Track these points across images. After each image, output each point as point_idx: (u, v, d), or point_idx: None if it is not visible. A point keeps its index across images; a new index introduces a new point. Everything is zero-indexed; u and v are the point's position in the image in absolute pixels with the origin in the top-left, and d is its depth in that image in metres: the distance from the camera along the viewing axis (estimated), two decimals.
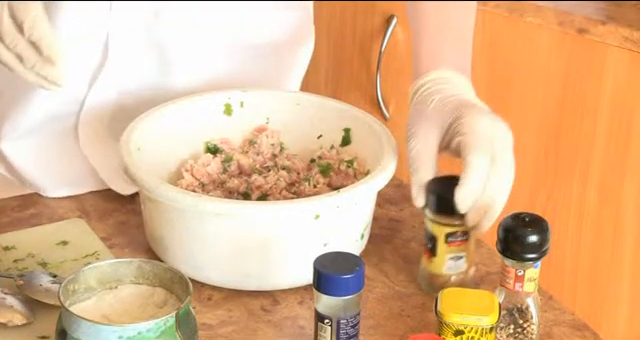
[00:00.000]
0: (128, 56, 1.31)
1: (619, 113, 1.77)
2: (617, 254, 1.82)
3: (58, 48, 1.09)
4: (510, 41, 1.83)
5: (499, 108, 1.87)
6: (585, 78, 1.78)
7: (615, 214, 1.81)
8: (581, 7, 1.79)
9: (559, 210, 1.86)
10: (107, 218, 1.28)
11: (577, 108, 1.81)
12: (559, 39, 1.78)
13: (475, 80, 1.87)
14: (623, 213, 1.81)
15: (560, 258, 1.86)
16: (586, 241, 1.85)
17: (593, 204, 1.83)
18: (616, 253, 1.82)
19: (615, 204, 1.81)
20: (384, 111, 1.98)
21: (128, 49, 1.30)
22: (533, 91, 1.84)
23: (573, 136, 1.82)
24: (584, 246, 1.85)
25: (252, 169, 1.28)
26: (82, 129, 1.33)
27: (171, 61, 1.33)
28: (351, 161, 1.27)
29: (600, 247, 1.84)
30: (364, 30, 1.99)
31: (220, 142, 1.31)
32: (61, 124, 1.32)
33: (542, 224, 1.04)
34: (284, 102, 1.34)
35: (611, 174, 1.80)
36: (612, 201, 1.81)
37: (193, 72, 1.35)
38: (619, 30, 1.72)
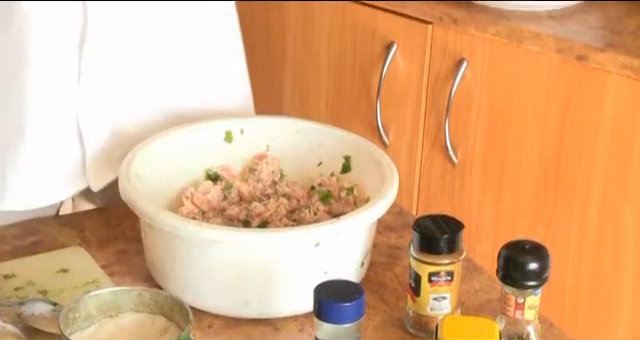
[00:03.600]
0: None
1: (619, 140, 1.77)
2: (617, 281, 1.82)
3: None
4: (510, 68, 1.84)
5: (500, 134, 1.88)
6: (585, 105, 1.79)
7: (615, 241, 1.81)
8: (580, 34, 1.79)
9: (559, 236, 1.86)
10: (107, 246, 1.28)
11: (577, 135, 1.81)
12: (558, 66, 1.79)
13: (476, 106, 1.88)
14: (623, 240, 1.80)
15: (560, 285, 1.85)
16: (586, 268, 1.85)
17: (593, 231, 1.83)
18: (616, 280, 1.82)
19: (615, 231, 1.81)
20: (384, 138, 1.99)
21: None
22: (533, 117, 1.84)
23: (573, 163, 1.83)
24: (584, 273, 1.85)
25: (252, 196, 1.28)
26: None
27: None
28: (351, 188, 1.27)
29: (600, 274, 1.84)
30: (364, 57, 1.99)
31: (220, 169, 1.31)
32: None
33: (542, 251, 1.04)
34: (284, 129, 1.34)
35: (611, 200, 1.80)
36: (612, 228, 1.81)
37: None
38: (618, 57, 1.72)
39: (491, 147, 1.90)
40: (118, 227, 1.31)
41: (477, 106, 1.90)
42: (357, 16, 1.97)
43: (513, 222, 1.92)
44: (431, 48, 1.91)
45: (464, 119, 1.91)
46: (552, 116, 1.82)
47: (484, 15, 1.84)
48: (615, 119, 1.77)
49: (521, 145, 1.87)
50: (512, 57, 1.83)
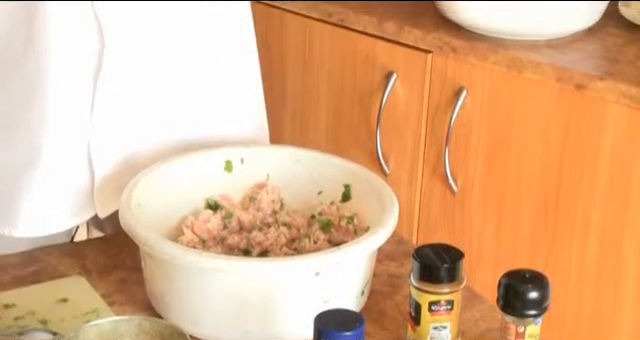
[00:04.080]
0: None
1: (618, 168, 1.77)
2: (618, 310, 1.82)
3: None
4: (509, 97, 1.84)
5: (499, 163, 1.88)
6: (584, 133, 1.79)
7: (616, 270, 1.81)
8: (579, 63, 1.80)
9: (559, 265, 1.86)
10: (107, 275, 1.28)
11: (576, 163, 1.81)
12: (558, 95, 1.79)
13: (476, 134, 1.88)
14: (624, 269, 1.80)
15: (561, 314, 1.85)
16: (587, 297, 1.85)
17: (594, 259, 1.83)
18: (617, 309, 1.82)
19: (616, 259, 1.81)
20: (384, 167, 1.99)
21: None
22: (533, 146, 1.84)
23: (573, 191, 1.83)
24: (585, 302, 1.85)
25: (252, 225, 1.28)
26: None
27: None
28: (351, 217, 1.27)
29: (601, 303, 1.83)
30: (364, 86, 2.00)
31: (220, 198, 1.32)
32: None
33: (542, 280, 1.04)
34: (284, 158, 1.34)
35: (611, 229, 1.80)
36: (613, 257, 1.81)
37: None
38: (617, 86, 1.73)
39: (491, 176, 1.90)
40: (118, 256, 1.31)
41: (477, 135, 1.90)
42: (357, 45, 1.98)
43: (513, 251, 1.92)
44: (431, 77, 1.91)
45: (464, 148, 1.91)
46: (552, 144, 1.82)
47: (483, 44, 1.84)
48: (614, 147, 1.77)
49: (521, 174, 1.87)
50: (512, 86, 1.84)
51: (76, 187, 1.34)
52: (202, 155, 1.33)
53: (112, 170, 1.34)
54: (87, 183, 1.34)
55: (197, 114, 1.39)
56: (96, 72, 1.29)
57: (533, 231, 1.88)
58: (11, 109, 1.30)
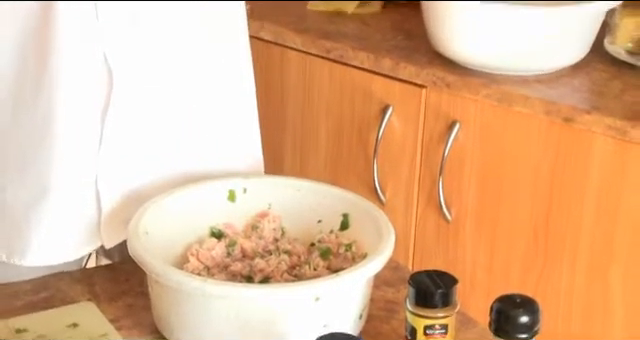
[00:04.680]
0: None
1: (605, 198, 1.78)
2: (605, 333, 1.82)
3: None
4: (501, 129, 1.85)
5: (492, 193, 1.89)
6: (572, 164, 1.79)
7: (603, 295, 1.81)
8: (567, 97, 1.80)
9: (549, 291, 1.86)
10: (116, 301, 1.28)
11: (565, 193, 1.81)
12: (547, 127, 1.80)
13: (469, 165, 1.89)
14: (611, 294, 1.80)
15: (551, 337, 1.85)
16: (575, 321, 1.84)
17: (581, 285, 1.83)
18: (605, 333, 1.82)
19: (602, 285, 1.81)
20: (381, 196, 1.99)
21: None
22: (523, 176, 1.85)
23: (562, 220, 1.83)
24: (574, 326, 1.85)
25: (255, 253, 1.28)
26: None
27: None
28: (349, 245, 1.27)
29: (589, 327, 1.83)
30: (361, 119, 2.00)
31: (224, 227, 1.32)
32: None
33: (533, 305, 1.04)
34: (285, 188, 1.34)
35: (598, 256, 1.80)
36: (599, 282, 1.81)
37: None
38: (603, 119, 1.73)
39: (483, 205, 1.91)
40: (126, 283, 1.31)
41: (470, 166, 1.90)
42: (354, 80, 1.99)
43: (505, 277, 1.92)
44: (425, 110, 1.92)
45: (457, 178, 1.91)
46: (541, 175, 1.83)
47: (476, 79, 1.85)
48: (601, 178, 1.77)
49: (512, 203, 1.87)
50: (502, 119, 1.84)
51: (84, 220, 1.34)
52: (206, 186, 1.33)
53: (118, 203, 1.34)
54: (94, 216, 1.34)
55: (198, 149, 1.40)
56: (104, 111, 1.30)
57: (524, 258, 1.88)
58: (23, 146, 1.30)
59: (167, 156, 1.37)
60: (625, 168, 1.74)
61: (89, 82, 1.28)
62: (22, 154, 1.30)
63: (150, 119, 1.34)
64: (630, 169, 1.74)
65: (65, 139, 1.29)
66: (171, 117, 1.35)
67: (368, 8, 2.11)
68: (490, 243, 1.92)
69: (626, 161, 1.74)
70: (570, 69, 1.88)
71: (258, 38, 2.05)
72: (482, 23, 1.81)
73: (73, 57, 1.26)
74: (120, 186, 1.34)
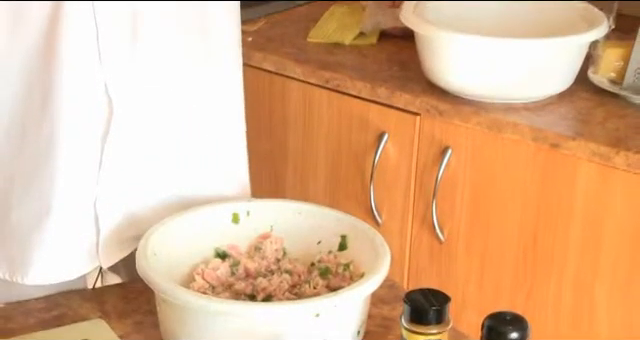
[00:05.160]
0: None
1: (590, 219, 1.78)
2: None
3: None
4: (491, 155, 1.85)
5: (482, 215, 1.88)
6: (558, 188, 1.79)
7: (589, 312, 1.81)
8: (553, 124, 1.81)
9: (538, 308, 1.85)
10: (125, 318, 1.27)
11: (552, 215, 1.81)
12: (534, 153, 1.80)
13: (460, 189, 1.89)
14: (596, 311, 1.80)
15: None
16: (564, 336, 1.84)
17: (568, 303, 1.83)
18: None
19: (588, 303, 1.80)
20: (377, 218, 1.99)
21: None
22: (512, 200, 1.85)
23: (549, 240, 1.83)
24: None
25: (258, 272, 1.28)
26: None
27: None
28: (347, 265, 1.27)
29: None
30: (358, 145, 2.00)
31: (228, 248, 1.31)
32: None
33: (522, 322, 1.04)
34: (286, 211, 1.34)
35: (584, 275, 1.80)
36: (585, 300, 1.81)
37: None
38: (588, 145, 1.73)
39: (475, 227, 1.90)
40: (135, 301, 1.31)
41: (461, 189, 1.90)
42: (352, 108, 1.99)
43: (495, 295, 1.91)
44: (419, 137, 1.92)
45: (450, 201, 1.91)
46: (529, 198, 1.83)
47: (467, 107, 1.85)
48: (586, 201, 1.77)
49: (502, 225, 1.87)
50: (492, 145, 1.84)
51: (83, 240, 1.34)
52: (211, 209, 1.33)
53: (115, 225, 1.34)
54: (93, 237, 1.34)
55: (190, 174, 1.40)
56: (103, 137, 1.30)
57: (513, 277, 1.88)
58: (27, 170, 1.30)
59: (161, 180, 1.37)
60: (608, 192, 1.74)
61: (90, 110, 1.28)
62: (26, 178, 1.30)
63: (146, 146, 1.34)
64: (613, 193, 1.74)
65: (66, 164, 1.29)
66: (166, 144, 1.36)
67: (365, 40, 2.11)
68: (481, 262, 1.91)
69: (609, 185, 1.74)
70: (556, 98, 1.88)
71: (261, 69, 2.05)
72: (473, 55, 1.82)
73: (75, 87, 1.26)
74: (117, 209, 1.34)
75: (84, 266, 1.35)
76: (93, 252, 1.34)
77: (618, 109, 1.84)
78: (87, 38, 1.25)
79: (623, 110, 1.84)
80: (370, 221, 1.92)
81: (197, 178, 1.40)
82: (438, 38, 1.83)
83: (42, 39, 1.24)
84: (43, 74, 1.26)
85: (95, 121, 1.29)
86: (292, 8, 2.28)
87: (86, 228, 1.33)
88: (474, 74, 1.83)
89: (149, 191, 1.36)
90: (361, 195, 2.01)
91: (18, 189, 1.31)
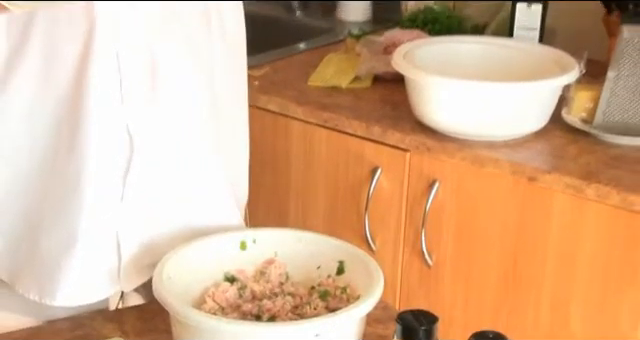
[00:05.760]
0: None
1: (565, 246, 1.77)
2: None
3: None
4: (474, 187, 1.85)
5: (466, 242, 1.88)
6: (535, 218, 1.79)
7: (565, 330, 1.80)
8: (530, 159, 1.81)
9: (518, 327, 1.85)
10: (143, 337, 1.27)
11: (530, 242, 1.81)
12: (513, 186, 1.80)
13: (447, 219, 1.89)
14: (572, 330, 1.79)
15: None
16: None
17: (546, 322, 1.82)
18: None
19: (564, 322, 1.80)
20: (371, 245, 1.99)
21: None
22: (494, 228, 1.85)
23: (527, 265, 1.82)
24: None
25: (263, 295, 1.27)
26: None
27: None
28: (345, 288, 1.26)
29: None
30: (354, 179, 2.00)
31: (236, 272, 1.31)
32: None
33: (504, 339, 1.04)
34: (289, 239, 1.34)
35: (560, 297, 1.80)
36: (561, 319, 1.80)
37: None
38: (562, 178, 1.74)
39: (460, 253, 1.90)
40: (152, 321, 1.30)
41: (448, 219, 1.90)
42: (348, 145, 1.99)
43: (479, 314, 1.91)
44: (409, 171, 1.92)
45: (437, 229, 1.91)
46: (509, 227, 1.83)
47: (452, 144, 1.86)
48: (561, 229, 1.77)
49: (484, 251, 1.87)
50: (475, 178, 1.84)
51: (106, 266, 1.33)
52: (221, 237, 1.33)
53: (135, 252, 1.34)
54: (115, 263, 1.34)
55: (202, 206, 1.40)
56: (125, 172, 1.30)
57: (495, 299, 1.88)
58: (55, 202, 1.30)
59: (176, 211, 1.37)
60: (581, 221, 1.74)
61: (113, 148, 1.28)
62: (55, 209, 1.30)
63: (163, 180, 1.34)
64: (585, 222, 1.74)
65: (91, 197, 1.29)
66: (180, 178, 1.36)
67: (360, 84, 2.12)
68: (466, 285, 1.91)
69: (582, 215, 1.74)
70: (533, 135, 1.89)
71: (266, 109, 2.06)
72: (457, 97, 1.82)
73: (100, 127, 1.26)
74: (137, 238, 1.34)
75: (107, 290, 1.35)
76: (115, 277, 1.34)
77: (589, 146, 1.84)
78: (111, 84, 1.26)
79: (593, 147, 1.84)
80: (365, 248, 1.92)
81: (207, 209, 1.40)
82: (426, 82, 1.84)
83: (71, 85, 1.25)
84: (71, 115, 1.26)
85: (118, 158, 1.29)
86: (293, 55, 2.29)
87: (109, 255, 1.33)
88: (458, 114, 1.83)
89: (165, 221, 1.36)
90: (357, 224, 2.00)
91: (47, 220, 1.31)
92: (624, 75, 1.81)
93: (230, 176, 1.44)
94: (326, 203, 2.06)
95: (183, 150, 1.35)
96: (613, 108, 1.83)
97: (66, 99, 1.25)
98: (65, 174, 1.28)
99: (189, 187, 1.37)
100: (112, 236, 1.32)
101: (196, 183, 1.38)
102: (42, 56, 1.24)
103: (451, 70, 1.86)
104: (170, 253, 1.26)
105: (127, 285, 1.35)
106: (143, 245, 1.34)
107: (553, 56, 1.93)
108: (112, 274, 1.34)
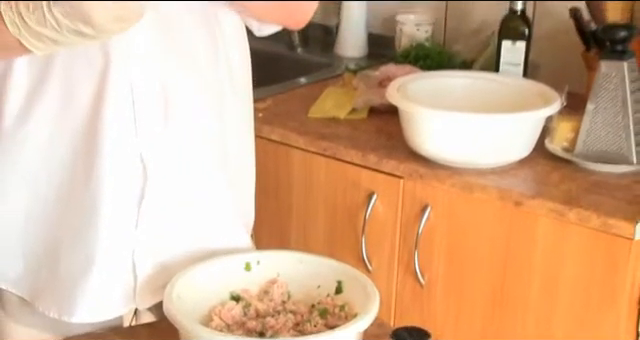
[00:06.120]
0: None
1: (548, 267, 1.77)
2: None
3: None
4: (463, 212, 1.85)
5: (457, 263, 1.88)
6: (521, 240, 1.79)
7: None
8: (516, 186, 1.81)
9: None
10: None
11: (516, 263, 1.81)
12: (500, 210, 1.80)
13: (438, 241, 1.89)
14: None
15: None
16: None
17: (531, 338, 1.82)
18: None
19: (548, 338, 1.79)
20: (368, 266, 1.98)
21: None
22: (483, 250, 1.84)
23: (514, 284, 1.82)
24: None
25: (266, 313, 1.27)
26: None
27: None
28: (343, 306, 1.26)
29: None
30: (352, 204, 2.00)
31: (242, 292, 1.31)
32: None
33: None
34: (290, 260, 1.34)
35: (544, 314, 1.79)
36: (546, 336, 1.80)
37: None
38: (545, 203, 1.74)
39: (451, 273, 1.90)
40: (163, 338, 1.30)
41: (439, 241, 1.90)
42: (346, 172, 1.99)
43: (469, 331, 1.90)
44: (403, 197, 1.92)
45: (429, 251, 1.91)
46: (497, 248, 1.83)
47: (443, 171, 1.86)
48: (545, 250, 1.77)
49: (474, 271, 1.87)
50: (465, 203, 1.85)
51: (122, 286, 1.34)
52: (227, 258, 1.33)
53: (150, 274, 1.34)
54: (130, 284, 1.34)
55: (211, 230, 1.40)
56: (140, 199, 1.30)
57: (484, 316, 1.87)
58: (74, 226, 1.31)
59: (186, 235, 1.37)
60: (563, 243, 1.75)
61: (128, 177, 1.29)
62: (73, 233, 1.31)
63: (175, 206, 1.34)
64: (567, 244, 1.74)
65: (108, 221, 1.29)
66: (190, 204, 1.36)
67: (357, 115, 2.13)
68: (457, 303, 1.91)
69: (564, 237, 1.74)
70: (518, 163, 1.89)
71: (269, 139, 2.06)
72: (447, 128, 1.83)
73: (115, 157, 1.27)
74: (152, 260, 1.34)
75: (122, 308, 1.35)
76: (130, 296, 1.34)
77: (571, 173, 1.85)
78: (126, 118, 1.26)
79: (575, 174, 1.84)
80: (362, 268, 1.92)
81: (217, 232, 1.41)
82: (418, 113, 1.84)
83: (87, 119, 1.26)
84: (88, 147, 1.27)
85: (132, 186, 1.29)
86: (295, 88, 2.30)
87: (125, 277, 1.33)
88: (449, 144, 1.84)
89: (178, 244, 1.36)
90: (354, 246, 2.00)
91: (65, 244, 1.31)
92: (602, 108, 1.82)
93: (238, 201, 1.44)
94: (325, 226, 2.06)
95: (194, 177, 1.35)
96: (592, 138, 1.84)
97: (83, 132, 1.26)
98: (82, 201, 1.29)
99: (200, 212, 1.37)
100: (128, 259, 1.32)
101: (206, 208, 1.38)
102: (60, 92, 1.25)
103: (442, 103, 1.87)
104: (179, 274, 1.26)
105: (142, 304, 1.35)
106: (157, 267, 1.34)
107: (536, 89, 1.94)
108: (127, 294, 1.34)
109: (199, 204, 1.37)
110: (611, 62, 1.81)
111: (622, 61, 1.80)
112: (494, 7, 2.25)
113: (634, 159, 1.82)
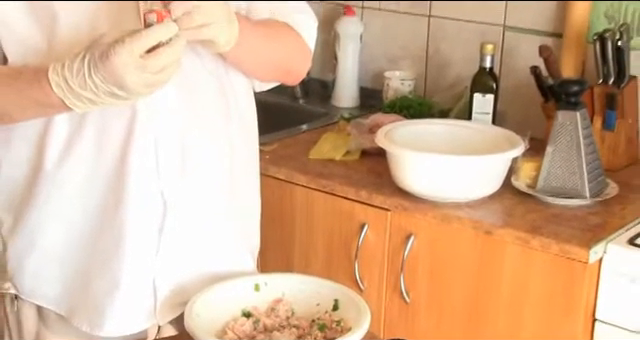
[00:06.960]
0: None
1: (515, 288, 1.77)
2: None
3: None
4: (443, 240, 1.85)
5: (437, 285, 1.87)
6: (492, 265, 1.79)
7: None
8: (487, 217, 1.81)
9: None
10: None
11: (487, 285, 1.80)
12: (474, 238, 1.80)
13: (421, 266, 1.88)
14: None
15: None
16: None
17: None
18: None
19: None
20: (361, 286, 1.97)
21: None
22: (459, 273, 1.84)
23: (486, 302, 1.81)
24: None
25: (273, 327, 1.27)
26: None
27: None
28: (339, 321, 1.26)
29: None
30: (347, 233, 2.00)
31: (252, 309, 1.31)
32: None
33: None
34: (294, 282, 1.34)
35: (512, 327, 1.79)
36: None
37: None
38: (512, 232, 1.74)
39: (432, 292, 1.89)
40: None
41: (422, 265, 1.90)
42: (342, 206, 1.99)
43: None
44: (390, 227, 1.92)
45: (413, 274, 1.90)
46: (471, 272, 1.82)
47: (425, 205, 1.86)
48: (512, 273, 1.77)
49: (452, 291, 1.86)
50: (443, 233, 1.84)
51: (144, 305, 1.33)
52: (239, 280, 1.33)
53: (169, 295, 1.34)
54: (151, 303, 1.33)
55: (224, 256, 1.40)
56: (160, 230, 1.30)
57: (461, 329, 1.86)
58: (103, 253, 1.31)
59: (202, 260, 1.37)
60: (528, 267, 1.74)
61: (150, 210, 1.29)
62: (101, 259, 1.30)
63: (191, 235, 1.34)
64: (532, 267, 1.74)
65: (131, 250, 1.29)
66: (205, 233, 1.36)
67: (351, 157, 2.13)
68: (437, 318, 1.89)
69: (529, 262, 1.74)
70: (489, 198, 1.89)
71: (275, 177, 2.06)
72: (428, 167, 1.83)
73: (139, 194, 1.27)
74: (170, 283, 1.34)
75: (144, 323, 1.34)
76: (152, 313, 1.34)
77: (533, 206, 1.85)
78: (149, 163, 1.27)
79: (537, 207, 1.84)
80: (355, 288, 1.91)
81: (226, 258, 1.40)
82: (403, 155, 1.85)
83: (116, 163, 1.26)
84: (116, 185, 1.27)
85: (154, 218, 1.29)
86: (297, 134, 2.30)
87: (147, 297, 1.32)
88: (430, 181, 1.84)
89: (191, 269, 1.36)
90: (348, 269, 2.00)
91: (95, 268, 1.31)
92: (559, 150, 1.83)
93: (244, 231, 1.44)
94: (324, 253, 2.06)
95: (206, 212, 1.35)
96: (551, 176, 1.84)
97: (112, 173, 1.27)
98: (111, 232, 1.29)
99: (211, 241, 1.37)
100: (149, 282, 1.31)
101: (217, 238, 1.38)
102: (94, 139, 1.25)
103: (423, 146, 1.88)
104: (198, 295, 1.26)
105: (162, 320, 1.35)
106: (174, 288, 1.34)
107: (504, 135, 1.94)
108: (149, 311, 1.33)
109: (211, 234, 1.37)
110: (566, 112, 1.82)
111: (575, 111, 1.81)
112: (467, 65, 2.27)
113: (587, 194, 1.82)
